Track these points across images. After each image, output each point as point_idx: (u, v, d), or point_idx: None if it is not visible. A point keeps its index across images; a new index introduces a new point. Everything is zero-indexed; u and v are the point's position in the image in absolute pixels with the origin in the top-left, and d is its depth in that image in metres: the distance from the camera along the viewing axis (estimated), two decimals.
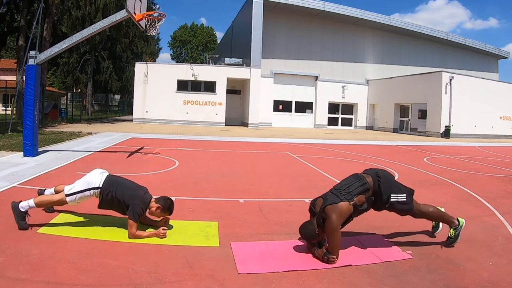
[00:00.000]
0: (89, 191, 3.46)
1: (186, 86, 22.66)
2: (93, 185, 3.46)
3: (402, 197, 3.23)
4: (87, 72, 33.15)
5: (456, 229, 3.37)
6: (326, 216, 3.03)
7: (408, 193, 3.31)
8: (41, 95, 14.76)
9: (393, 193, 3.22)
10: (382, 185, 3.21)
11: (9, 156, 7.60)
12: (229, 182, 6.19)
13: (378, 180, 3.22)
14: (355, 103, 26.76)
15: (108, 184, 3.48)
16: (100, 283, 2.53)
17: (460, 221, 3.40)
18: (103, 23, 8.05)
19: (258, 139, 14.73)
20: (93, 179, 3.50)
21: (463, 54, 30.25)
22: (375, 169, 3.44)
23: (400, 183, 3.40)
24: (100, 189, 3.46)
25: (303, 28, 24.91)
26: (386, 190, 3.21)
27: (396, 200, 3.22)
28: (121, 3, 24.83)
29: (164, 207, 3.51)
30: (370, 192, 3.21)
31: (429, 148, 14.19)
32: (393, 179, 3.37)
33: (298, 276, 2.78)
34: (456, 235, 3.36)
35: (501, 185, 6.97)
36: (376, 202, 3.25)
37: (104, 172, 3.65)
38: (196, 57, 62.56)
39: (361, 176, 3.29)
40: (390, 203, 3.22)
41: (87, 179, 3.52)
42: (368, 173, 3.34)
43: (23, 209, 3.41)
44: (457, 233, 3.36)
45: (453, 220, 3.42)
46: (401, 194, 3.24)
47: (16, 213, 3.40)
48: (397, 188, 3.28)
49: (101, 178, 3.52)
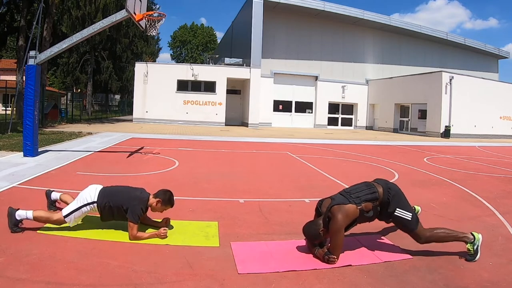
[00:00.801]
0: (85, 207, 3.41)
1: (186, 86, 22.66)
2: (88, 200, 3.42)
3: (407, 215, 3.19)
4: (87, 72, 33.14)
5: (473, 243, 3.22)
6: (332, 215, 3.04)
7: (415, 216, 3.26)
8: (41, 95, 14.77)
9: (400, 208, 3.20)
10: (391, 198, 3.20)
11: (9, 156, 7.60)
12: (229, 182, 6.19)
13: (388, 192, 3.22)
14: (355, 103, 26.76)
15: (103, 196, 3.44)
16: (100, 283, 2.53)
17: (476, 236, 3.24)
18: (103, 23, 8.05)
19: (258, 139, 14.73)
20: (87, 195, 3.46)
21: (463, 54, 30.25)
22: (386, 181, 3.40)
23: (409, 203, 3.34)
24: (96, 203, 3.42)
25: (303, 28, 24.91)
26: (393, 203, 3.20)
27: (400, 215, 3.19)
28: (121, 3, 24.84)
29: (164, 200, 3.49)
30: (378, 202, 3.21)
31: (429, 148, 14.19)
32: (403, 195, 3.32)
33: (298, 276, 2.78)
34: (475, 250, 3.21)
35: (501, 185, 6.97)
36: (381, 213, 3.25)
37: (98, 186, 3.60)
38: (196, 57, 62.57)
39: (372, 185, 3.29)
40: (394, 216, 3.20)
41: (81, 196, 3.48)
42: (379, 183, 3.33)
43: (19, 218, 3.33)
44: (476, 248, 3.21)
45: (465, 236, 3.27)
46: (407, 211, 3.21)
47: (11, 220, 3.33)
48: (405, 205, 3.25)
49: (95, 192, 3.48)
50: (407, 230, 3.26)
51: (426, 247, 3.35)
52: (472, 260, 3.19)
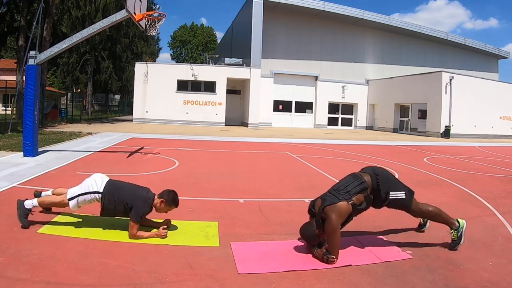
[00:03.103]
0: (89, 194, 3.42)
1: (186, 86, 22.66)
2: (94, 189, 3.43)
3: (401, 195, 3.22)
4: (87, 72, 33.15)
5: (458, 230, 3.31)
6: (326, 217, 3.04)
7: (407, 190, 3.30)
8: (41, 95, 14.76)
9: (392, 191, 3.22)
10: (380, 183, 3.21)
11: (9, 156, 7.60)
12: (229, 182, 6.19)
13: (376, 178, 3.23)
14: (355, 103, 26.76)
15: (109, 189, 3.45)
16: (100, 283, 2.53)
17: (461, 223, 3.34)
18: (103, 23, 8.05)
19: (258, 139, 14.73)
20: (93, 183, 3.47)
21: (463, 54, 30.25)
22: (372, 167, 3.43)
23: (398, 180, 3.39)
24: (101, 194, 3.42)
25: (303, 28, 24.91)
26: (384, 188, 3.21)
27: (395, 197, 3.21)
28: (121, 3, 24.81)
29: (168, 200, 3.48)
30: (369, 190, 3.22)
31: (429, 148, 14.19)
32: (391, 176, 3.37)
33: (298, 276, 2.78)
34: (459, 237, 3.31)
35: (501, 185, 6.97)
36: (375, 200, 3.26)
37: (105, 177, 3.61)
38: (196, 57, 62.55)
39: (359, 175, 3.29)
40: (389, 200, 3.22)
41: (86, 182, 3.49)
42: (366, 172, 3.34)
43: (28, 207, 3.47)
44: (460, 235, 3.31)
45: (453, 221, 3.37)
46: (399, 191, 3.24)
47: (21, 210, 3.44)
48: (396, 186, 3.28)
49: (101, 182, 3.49)
50: (404, 209, 3.32)
51: (426, 247, 3.35)
52: (456, 246, 3.29)
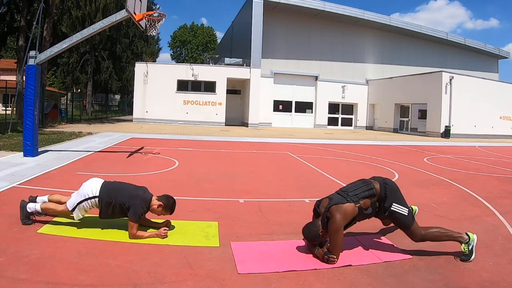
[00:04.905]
0: (87, 201, 3.41)
1: (186, 86, 22.66)
2: (90, 194, 3.42)
3: (404, 210, 3.21)
4: (87, 72, 33.14)
5: (468, 243, 3.21)
6: (331, 215, 3.05)
7: (410, 211, 3.27)
8: (41, 95, 14.76)
9: (396, 203, 3.21)
10: (388, 192, 3.22)
11: (9, 156, 7.60)
12: (229, 182, 6.19)
13: (385, 188, 3.24)
14: (355, 103, 26.75)
15: (105, 191, 3.44)
16: (100, 283, 2.53)
17: (471, 236, 3.24)
18: (103, 23, 8.05)
19: (258, 139, 14.72)
20: (88, 189, 3.45)
21: (463, 54, 30.24)
22: (383, 177, 3.44)
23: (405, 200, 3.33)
24: (98, 198, 3.41)
25: (303, 28, 24.90)
26: (390, 198, 3.21)
27: (397, 210, 3.20)
28: (121, 3, 24.85)
29: (166, 206, 3.48)
30: (376, 198, 3.23)
31: (429, 148, 14.19)
32: (399, 192, 3.34)
33: (298, 276, 2.78)
34: (470, 251, 3.20)
35: (501, 185, 6.97)
36: (379, 209, 3.26)
37: (100, 180, 3.59)
38: (196, 57, 62.54)
39: (369, 181, 3.31)
40: (390, 211, 3.21)
41: (81, 191, 3.47)
42: (376, 179, 3.35)
43: (30, 210, 3.50)
44: (471, 248, 3.20)
45: (460, 236, 3.27)
46: (403, 206, 3.22)
47: (23, 212, 3.50)
48: (401, 201, 3.27)
49: (96, 186, 3.47)
50: (403, 226, 3.26)
51: (426, 247, 3.35)
52: (467, 260, 3.18)
